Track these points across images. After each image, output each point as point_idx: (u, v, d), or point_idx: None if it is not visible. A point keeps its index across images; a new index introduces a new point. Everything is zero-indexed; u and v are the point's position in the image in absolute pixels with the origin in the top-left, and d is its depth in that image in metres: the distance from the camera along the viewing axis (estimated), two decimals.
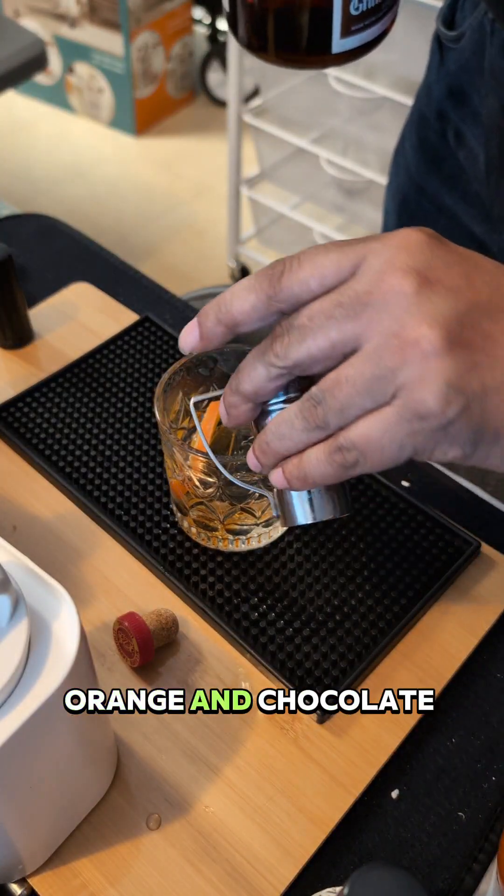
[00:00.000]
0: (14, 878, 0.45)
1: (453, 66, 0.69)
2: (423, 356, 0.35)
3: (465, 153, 0.71)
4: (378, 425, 0.36)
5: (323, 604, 0.55)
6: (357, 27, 0.39)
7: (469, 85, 0.67)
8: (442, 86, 0.71)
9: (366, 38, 0.40)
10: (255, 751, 0.50)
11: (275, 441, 0.40)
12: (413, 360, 0.35)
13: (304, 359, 0.38)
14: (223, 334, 0.41)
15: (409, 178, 0.80)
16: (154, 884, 0.45)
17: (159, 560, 0.58)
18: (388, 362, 0.35)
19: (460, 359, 0.35)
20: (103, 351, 0.72)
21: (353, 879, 0.31)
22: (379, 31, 0.40)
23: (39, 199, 2.29)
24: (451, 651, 0.54)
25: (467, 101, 0.68)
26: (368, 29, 0.40)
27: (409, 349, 0.35)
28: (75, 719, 0.40)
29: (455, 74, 0.69)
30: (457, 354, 0.35)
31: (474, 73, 0.66)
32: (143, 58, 2.40)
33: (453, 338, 0.35)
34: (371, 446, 0.37)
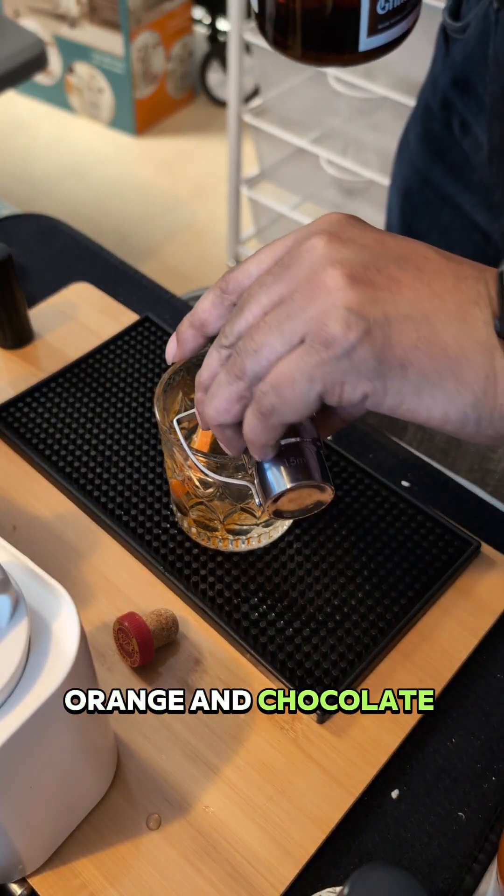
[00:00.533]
0: (14, 878, 0.45)
1: (458, 57, 0.70)
2: (327, 292, 0.37)
3: (470, 142, 0.72)
4: (288, 361, 0.38)
5: (323, 604, 0.55)
6: (383, 26, 0.41)
7: (474, 74, 0.68)
8: (447, 76, 0.72)
9: (391, 37, 0.42)
10: (255, 751, 0.50)
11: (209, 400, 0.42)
12: (319, 297, 0.37)
13: (244, 329, 0.40)
14: (194, 336, 0.44)
15: (413, 169, 0.81)
16: (154, 884, 0.45)
17: (159, 560, 0.58)
18: (298, 303, 0.38)
19: (362, 292, 0.37)
20: (103, 351, 0.72)
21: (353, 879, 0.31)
22: (403, 29, 0.42)
23: (39, 199, 2.29)
24: (451, 651, 0.54)
25: (472, 89, 0.69)
26: (394, 27, 0.41)
27: (316, 289, 0.37)
28: (75, 719, 0.40)
29: (460, 64, 0.70)
30: (359, 288, 0.37)
31: (479, 62, 0.67)
32: (143, 58, 2.40)
33: (357, 276, 0.37)
34: (283, 383, 0.38)
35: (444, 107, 0.74)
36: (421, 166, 0.79)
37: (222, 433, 0.43)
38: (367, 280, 0.37)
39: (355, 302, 0.36)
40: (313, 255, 0.38)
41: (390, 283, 0.37)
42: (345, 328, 0.36)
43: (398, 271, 0.37)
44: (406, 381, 0.37)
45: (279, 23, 0.42)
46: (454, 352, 0.36)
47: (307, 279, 0.38)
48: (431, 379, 0.36)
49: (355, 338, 0.36)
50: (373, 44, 0.41)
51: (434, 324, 0.36)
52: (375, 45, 0.41)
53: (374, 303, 0.36)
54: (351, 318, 0.36)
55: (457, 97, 0.72)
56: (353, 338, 0.36)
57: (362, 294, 0.37)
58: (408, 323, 0.36)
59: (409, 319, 0.36)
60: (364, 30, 0.40)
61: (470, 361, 0.36)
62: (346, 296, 0.36)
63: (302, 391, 0.38)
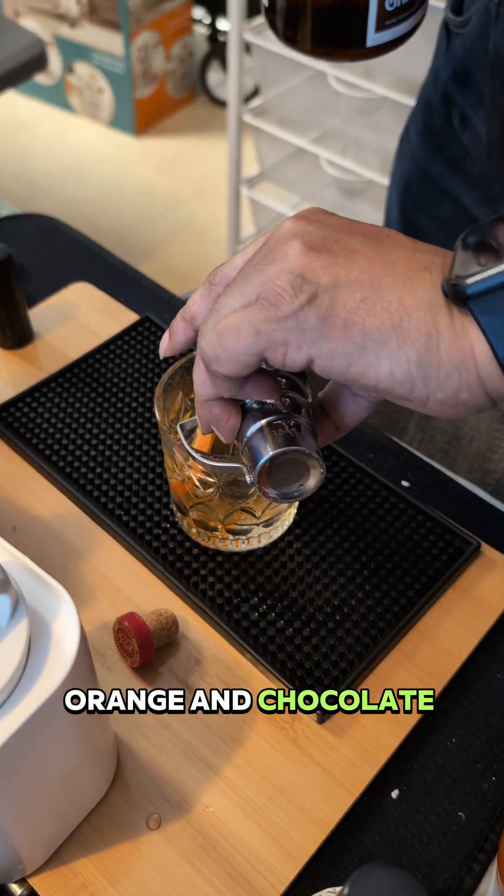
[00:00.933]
0: (14, 878, 0.45)
1: (459, 51, 0.71)
2: (284, 258, 0.38)
3: (470, 135, 0.72)
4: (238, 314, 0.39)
5: (323, 604, 0.55)
6: (391, 22, 0.42)
7: (474, 67, 0.69)
8: (448, 70, 0.73)
9: (398, 33, 0.43)
10: (255, 751, 0.50)
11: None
12: (276, 262, 0.39)
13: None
14: (184, 329, 0.46)
15: (413, 164, 0.81)
16: (154, 884, 0.45)
17: (159, 560, 0.58)
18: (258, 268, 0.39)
19: (317, 258, 0.38)
20: (103, 351, 0.72)
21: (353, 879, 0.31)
22: (410, 25, 0.43)
23: (39, 199, 2.29)
24: (451, 651, 0.54)
25: (473, 83, 0.70)
26: (401, 24, 0.42)
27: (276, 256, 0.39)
28: (75, 719, 0.40)
29: (461, 59, 0.71)
30: (314, 255, 0.38)
31: (480, 56, 0.68)
32: (143, 58, 2.40)
33: (314, 245, 0.38)
34: (227, 331, 0.39)
35: (445, 101, 0.74)
36: (421, 161, 0.80)
37: (208, 411, 0.44)
38: (323, 249, 0.38)
39: (308, 267, 0.38)
40: (279, 233, 0.40)
41: (347, 253, 0.38)
42: (294, 290, 0.37)
43: (357, 243, 0.39)
44: (350, 342, 0.37)
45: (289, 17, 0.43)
46: (396, 309, 0.37)
47: (270, 250, 0.39)
48: (374, 336, 0.37)
49: (303, 300, 0.37)
50: (380, 39, 0.42)
51: (380, 287, 0.37)
52: (383, 41, 0.42)
53: (326, 269, 0.38)
54: (301, 281, 0.37)
55: (457, 91, 0.73)
56: (301, 300, 0.37)
57: (316, 261, 0.38)
58: (355, 286, 0.37)
59: (357, 283, 0.37)
60: (372, 25, 0.41)
61: (412, 318, 0.37)
62: (300, 261, 0.38)
63: (245, 343, 0.39)
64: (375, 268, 0.38)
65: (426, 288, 0.37)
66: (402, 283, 0.37)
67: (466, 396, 0.37)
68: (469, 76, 0.71)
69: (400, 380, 0.37)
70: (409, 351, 0.37)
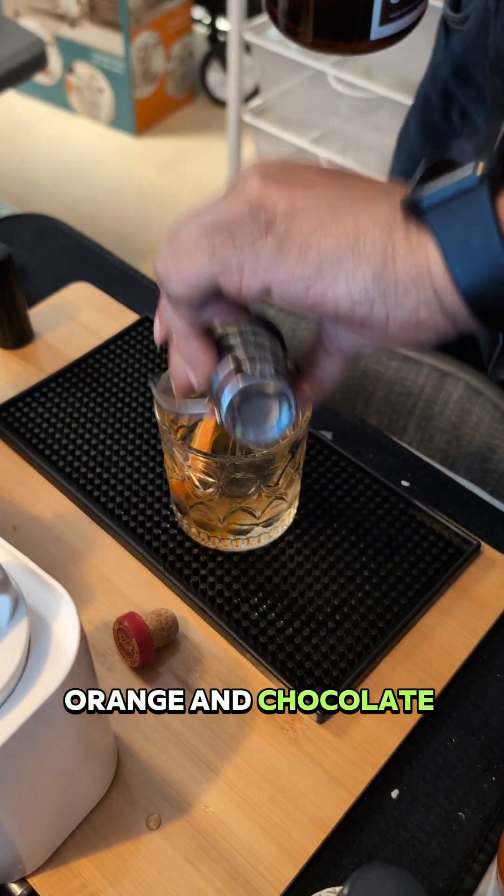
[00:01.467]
0: (14, 877, 0.45)
1: (458, 48, 0.71)
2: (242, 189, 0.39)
3: (470, 131, 0.72)
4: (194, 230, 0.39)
5: (323, 604, 0.55)
6: (395, 15, 0.42)
7: (474, 64, 0.69)
8: (447, 67, 0.73)
9: (401, 26, 0.43)
10: (255, 751, 0.50)
11: None
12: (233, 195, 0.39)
13: None
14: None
15: (412, 161, 0.81)
16: (154, 884, 0.45)
17: (159, 560, 0.58)
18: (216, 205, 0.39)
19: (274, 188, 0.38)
20: (103, 351, 0.72)
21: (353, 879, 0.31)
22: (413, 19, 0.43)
23: (39, 199, 2.29)
24: (451, 651, 0.54)
25: (472, 80, 0.70)
26: (405, 17, 0.43)
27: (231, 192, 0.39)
28: (75, 719, 0.40)
29: (460, 55, 0.71)
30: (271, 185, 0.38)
31: (479, 53, 0.68)
32: (143, 58, 2.40)
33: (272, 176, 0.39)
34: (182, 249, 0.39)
35: (444, 98, 0.75)
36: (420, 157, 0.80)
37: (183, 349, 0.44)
38: (281, 179, 0.38)
39: (266, 196, 0.38)
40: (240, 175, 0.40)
41: (304, 184, 0.38)
42: (252, 216, 0.38)
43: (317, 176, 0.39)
44: (306, 265, 0.37)
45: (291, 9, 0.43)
46: (352, 230, 0.37)
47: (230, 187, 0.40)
48: (330, 256, 0.37)
49: (260, 225, 0.38)
50: (384, 32, 0.42)
51: (337, 211, 0.37)
52: (386, 34, 0.43)
53: (283, 197, 0.38)
54: (258, 209, 0.38)
55: (457, 87, 0.73)
56: (258, 226, 0.38)
57: (274, 190, 0.38)
58: (312, 211, 0.38)
59: (314, 208, 0.38)
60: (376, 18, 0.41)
61: (367, 236, 0.37)
62: (258, 191, 0.38)
63: (198, 264, 0.39)
64: (332, 194, 0.38)
65: (383, 208, 0.37)
66: (359, 206, 0.37)
67: (425, 314, 0.37)
68: (468, 73, 0.71)
69: (358, 299, 0.37)
70: (365, 268, 0.37)
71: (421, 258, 0.36)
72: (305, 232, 0.37)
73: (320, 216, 0.37)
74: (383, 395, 0.80)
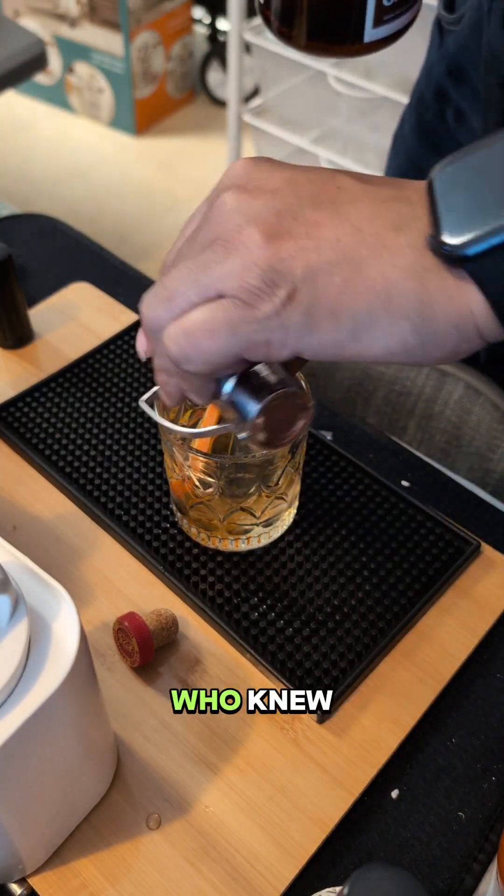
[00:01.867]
0: (14, 878, 0.45)
1: (453, 48, 0.71)
2: (245, 249, 0.36)
3: (465, 131, 0.73)
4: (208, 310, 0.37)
5: (323, 604, 0.55)
6: (388, 17, 0.42)
7: (468, 63, 0.69)
8: (442, 66, 0.73)
9: (395, 28, 0.42)
10: (255, 751, 0.50)
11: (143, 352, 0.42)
12: (237, 254, 0.36)
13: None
14: None
15: (407, 160, 0.81)
16: (154, 884, 0.45)
17: (159, 560, 0.58)
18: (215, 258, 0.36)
19: (281, 246, 0.35)
20: (103, 351, 0.72)
21: (353, 879, 0.31)
22: (407, 20, 0.43)
23: (39, 199, 2.29)
24: (451, 651, 0.54)
25: (467, 79, 0.70)
26: (398, 19, 0.42)
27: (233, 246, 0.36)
28: (75, 719, 0.40)
29: (455, 55, 0.71)
30: (278, 243, 0.35)
31: (473, 52, 0.68)
32: (143, 58, 2.40)
33: (273, 231, 0.36)
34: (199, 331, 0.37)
35: (439, 97, 0.75)
36: (415, 156, 0.80)
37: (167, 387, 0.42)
38: (284, 232, 0.36)
39: (276, 258, 0.35)
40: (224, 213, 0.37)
41: (308, 229, 0.36)
42: (271, 287, 0.35)
43: (314, 213, 0.36)
44: (340, 330, 0.36)
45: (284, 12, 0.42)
46: (381, 286, 0.35)
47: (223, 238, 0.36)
48: (364, 319, 0.35)
49: (282, 297, 0.35)
50: (377, 35, 0.42)
51: (357, 262, 0.35)
52: (380, 37, 0.42)
53: (295, 256, 0.35)
54: (274, 276, 0.35)
55: (451, 87, 0.73)
56: (279, 297, 0.35)
57: (282, 249, 0.35)
58: (331, 269, 0.35)
59: (333, 265, 0.35)
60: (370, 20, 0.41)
61: (399, 291, 0.35)
62: (265, 253, 0.35)
63: (220, 345, 0.37)
64: (345, 240, 0.35)
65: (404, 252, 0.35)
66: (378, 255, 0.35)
67: (465, 347, 0.36)
68: (463, 72, 0.71)
69: (397, 352, 0.36)
70: (402, 324, 0.35)
71: (461, 303, 0.35)
72: (332, 295, 0.35)
73: (343, 273, 0.35)
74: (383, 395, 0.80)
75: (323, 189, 0.37)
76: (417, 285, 0.35)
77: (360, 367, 0.79)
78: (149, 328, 0.39)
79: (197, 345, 0.37)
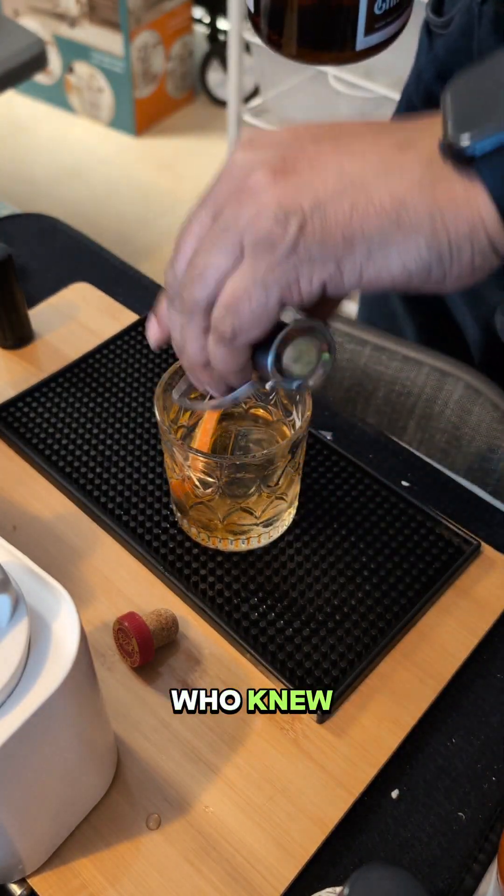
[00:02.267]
0: (14, 878, 0.45)
1: (442, 52, 0.70)
2: (254, 195, 0.36)
3: None
4: (237, 276, 0.37)
5: (323, 604, 0.55)
6: (380, 25, 0.42)
7: (458, 67, 0.69)
8: (431, 70, 0.72)
9: (386, 35, 0.43)
10: (255, 751, 0.50)
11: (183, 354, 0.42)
12: (247, 202, 0.37)
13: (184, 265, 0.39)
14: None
15: None
16: (154, 884, 0.45)
17: (159, 560, 0.58)
18: (228, 214, 0.37)
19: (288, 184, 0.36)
20: (103, 351, 0.72)
21: (353, 879, 0.31)
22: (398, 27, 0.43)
23: (39, 199, 2.29)
24: (451, 651, 0.54)
25: None
26: (389, 26, 0.42)
27: (243, 196, 0.37)
28: (75, 719, 0.40)
29: (444, 59, 0.70)
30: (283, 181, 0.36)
31: (463, 56, 0.67)
32: (143, 57, 2.40)
33: (277, 171, 0.36)
34: (237, 300, 0.37)
35: (428, 101, 0.74)
36: None
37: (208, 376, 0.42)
38: (289, 170, 0.36)
39: (284, 195, 0.36)
40: (233, 169, 0.38)
41: (311, 163, 0.36)
42: (282, 225, 0.36)
43: (315, 148, 0.37)
44: (355, 252, 0.36)
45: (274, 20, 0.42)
46: (390, 204, 0.35)
47: (233, 191, 0.37)
48: (377, 239, 0.35)
49: (294, 231, 0.36)
50: (369, 42, 0.42)
51: (364, 185, 0.36)
52: (372, 44, 0.42)
53: (301, 189, 0.36)
54: (284, 213, 0.36)
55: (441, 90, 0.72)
56: (292, 232, 0.36)
57: (288, 185, 0.36)
58: (339, 196, 0.36)
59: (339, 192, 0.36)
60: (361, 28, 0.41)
61: (409, 205, 0.35)
62: (273, 192, 0.36)
63: (260, 302, 0.37)
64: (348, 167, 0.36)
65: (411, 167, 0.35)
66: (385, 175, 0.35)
67: (480, 261, 0.36)
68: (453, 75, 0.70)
69: (415, 270, 0.36)
70: (416, 239, 0.35)
71: (472, 212, 0.34)
72: (342, 221, 0.35)
73: (350, 198, 0.36)
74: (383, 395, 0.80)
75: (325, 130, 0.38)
76: (427, 198, 0.35)
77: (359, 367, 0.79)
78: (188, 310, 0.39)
79: (240, 314, 0.38)
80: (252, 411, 0.59)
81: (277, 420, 0.58)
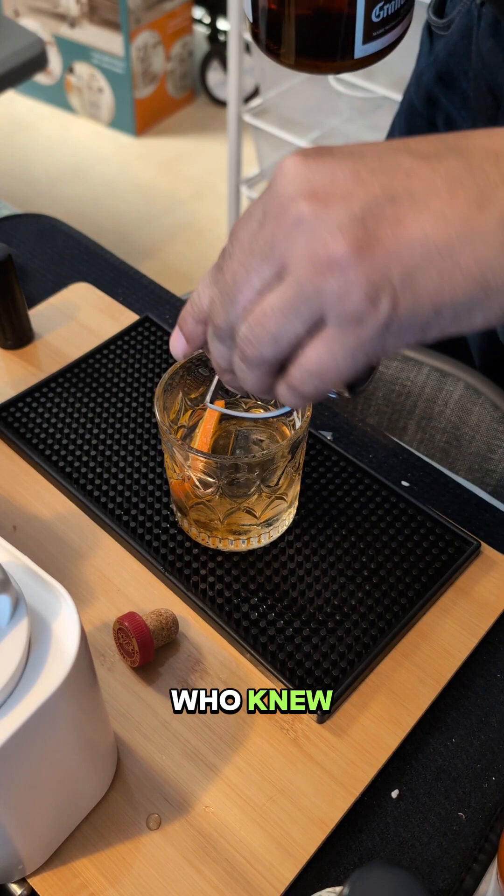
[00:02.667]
0: (14, 878, 0.45)
1: (442, 53, 0.70)
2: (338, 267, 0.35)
3: None
4: (323, 346, 0.36)
5: (323, 604, 0.55)
6: (378, 32, 0.41)
7: (458, 69, 0.69)
8: (431, 72, 0.73)
9: (385, 43, 0.42)
10: (255, 751, 0.50)
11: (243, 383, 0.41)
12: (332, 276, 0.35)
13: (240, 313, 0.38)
14: (204, 332, 0.42)
15: None
16: (154, 884, 0.45)
17: (159, 560, 0.58)
18: (309, 285, 0.35)
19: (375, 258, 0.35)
20: (103, 351, 0.72)
21: (353, 879, 0.31)
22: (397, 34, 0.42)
23: (39, 199, 2.29)
24: (451, 651, 0.54)
25: (456, 85, 0.70)
26: (388, 34, 0.42)
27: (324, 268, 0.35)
28: (75, 719, 0.40)
29: (444, 60, 0.70)
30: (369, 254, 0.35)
31: (463, 58, 0.68)
32: (143, 58, 2.40)
33: (360, 241, 0.35)
34: (325, 369, 0.37)
35: (429, 103, 0.74)
36: None
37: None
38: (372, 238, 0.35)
39: (372, 271, 0.34)
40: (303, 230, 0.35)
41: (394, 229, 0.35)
42: (373, 303, 0.35)
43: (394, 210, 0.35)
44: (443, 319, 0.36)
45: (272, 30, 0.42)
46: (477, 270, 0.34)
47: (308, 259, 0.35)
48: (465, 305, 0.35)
49: (387, 309, 0.35)
50: (368, 50, 0.42)
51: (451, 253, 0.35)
52: (371, 52, 0.42)
53: (389, 262, 0.34)
54: (375, 291, 0.35)
55: (441, 92, 0.72)
56: (384, 310, 0.35)
57: (376, 259, 0.34)
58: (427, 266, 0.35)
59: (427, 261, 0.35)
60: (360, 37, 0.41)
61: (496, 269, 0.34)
62: (360, 269, 0.34)
63: (349, 371, 0.37)
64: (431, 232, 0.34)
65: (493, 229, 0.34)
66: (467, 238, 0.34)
67: None
68: (453, 78, 0.70)
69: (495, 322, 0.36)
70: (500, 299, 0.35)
71: None
72: (432, 291, 0.35)
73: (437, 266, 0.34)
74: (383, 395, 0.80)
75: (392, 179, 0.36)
76: None
77: None
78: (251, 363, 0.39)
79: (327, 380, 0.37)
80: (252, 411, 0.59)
81: (277, 420, 0.58)
